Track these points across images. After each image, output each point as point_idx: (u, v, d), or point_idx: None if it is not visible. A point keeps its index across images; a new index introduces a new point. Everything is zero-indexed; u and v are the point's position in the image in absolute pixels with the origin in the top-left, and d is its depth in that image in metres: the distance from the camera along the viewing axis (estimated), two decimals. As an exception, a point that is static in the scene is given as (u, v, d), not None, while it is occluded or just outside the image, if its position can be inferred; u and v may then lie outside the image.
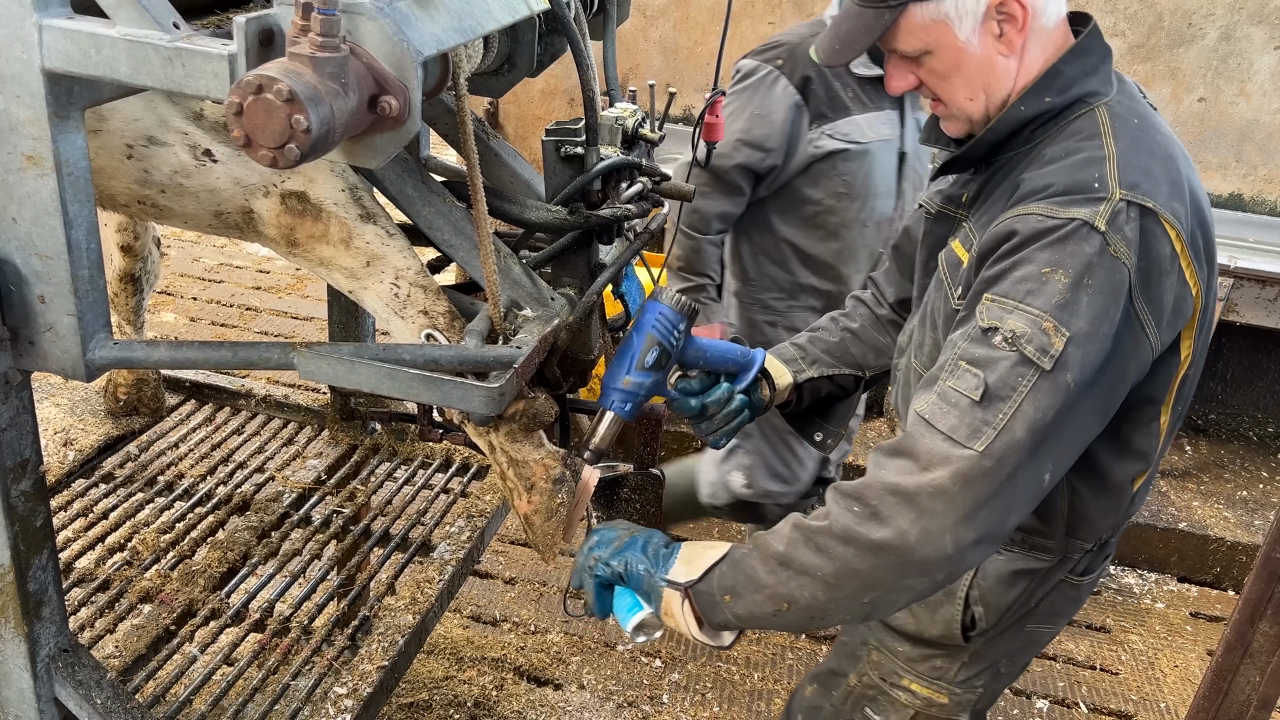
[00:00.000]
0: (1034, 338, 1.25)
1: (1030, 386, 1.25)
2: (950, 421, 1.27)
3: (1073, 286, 1.26)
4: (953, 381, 1.29)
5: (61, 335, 1.27)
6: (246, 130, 0.98)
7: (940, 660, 1.71)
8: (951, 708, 1.75)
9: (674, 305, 1.61)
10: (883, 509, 1.27)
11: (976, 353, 1.29)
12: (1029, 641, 1.73)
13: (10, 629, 1.44)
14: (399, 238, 1.49)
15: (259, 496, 2.26)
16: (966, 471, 1.24)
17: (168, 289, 5.35)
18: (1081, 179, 1.33)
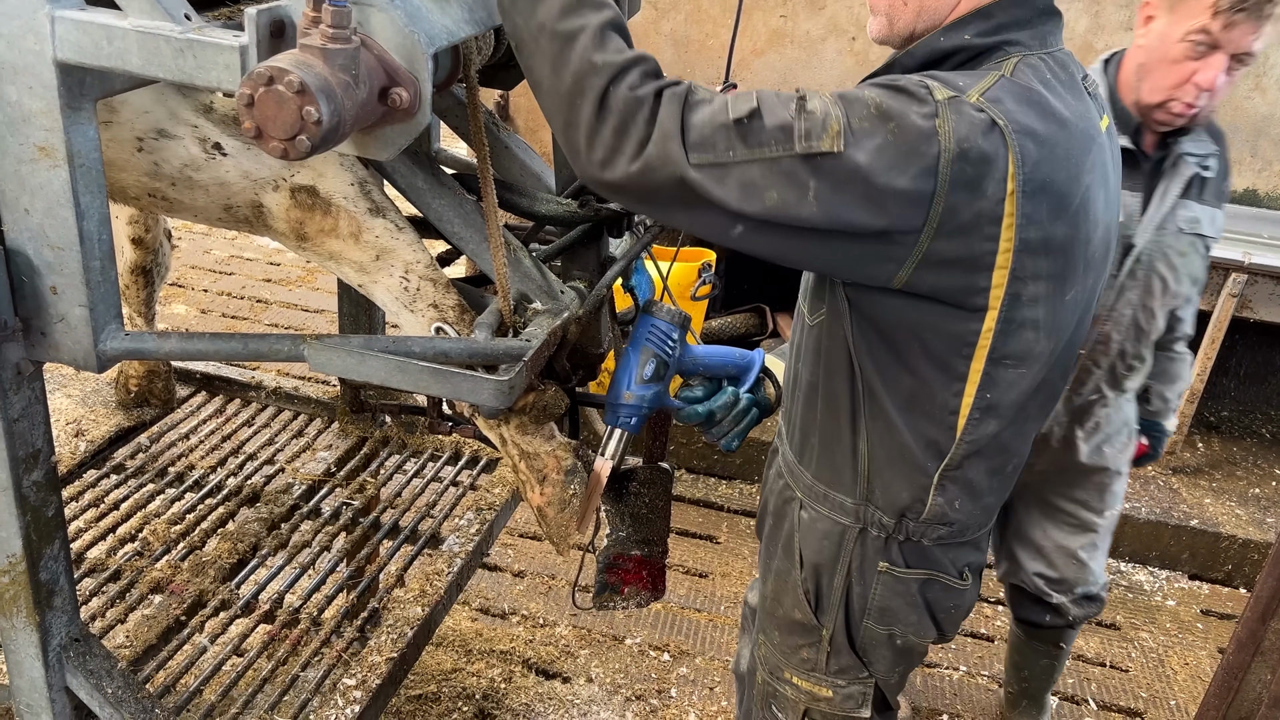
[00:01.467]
0: (812, 128, 1.20)
1: (775, 155, 1.20)
2: (714, 127, 1.21)
3: (878, 119, 1.21)
4: (745, 101, 1.23)
5: (73, 326, 1.27)
6: (257, 122, 0.98)
7: (807, 650, 1.68)
8: (841, 702, 1.68)
9: (667, 318, 1.62)
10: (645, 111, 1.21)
11: (775, 101, 1.23)
12: (873, 640, 1.64)
13: (22, 618, 1.45)
14: (408, 231, 1.49)
15: (269, 488, 2.26)
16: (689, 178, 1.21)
17: (179, 281, 5.36)
18: (951, 80, 1.28)
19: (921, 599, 1.60)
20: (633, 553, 1.79)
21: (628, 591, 1.82)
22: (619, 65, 1.21)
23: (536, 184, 1.64)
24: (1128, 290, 2.26)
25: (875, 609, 1.61)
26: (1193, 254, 2.25)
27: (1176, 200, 2.21)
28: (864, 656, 1.66)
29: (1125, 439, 2.48)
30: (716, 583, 3.49)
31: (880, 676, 1.68)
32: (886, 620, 1.62)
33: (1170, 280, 2.25)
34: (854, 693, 1.67)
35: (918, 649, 1.67)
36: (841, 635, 1.64)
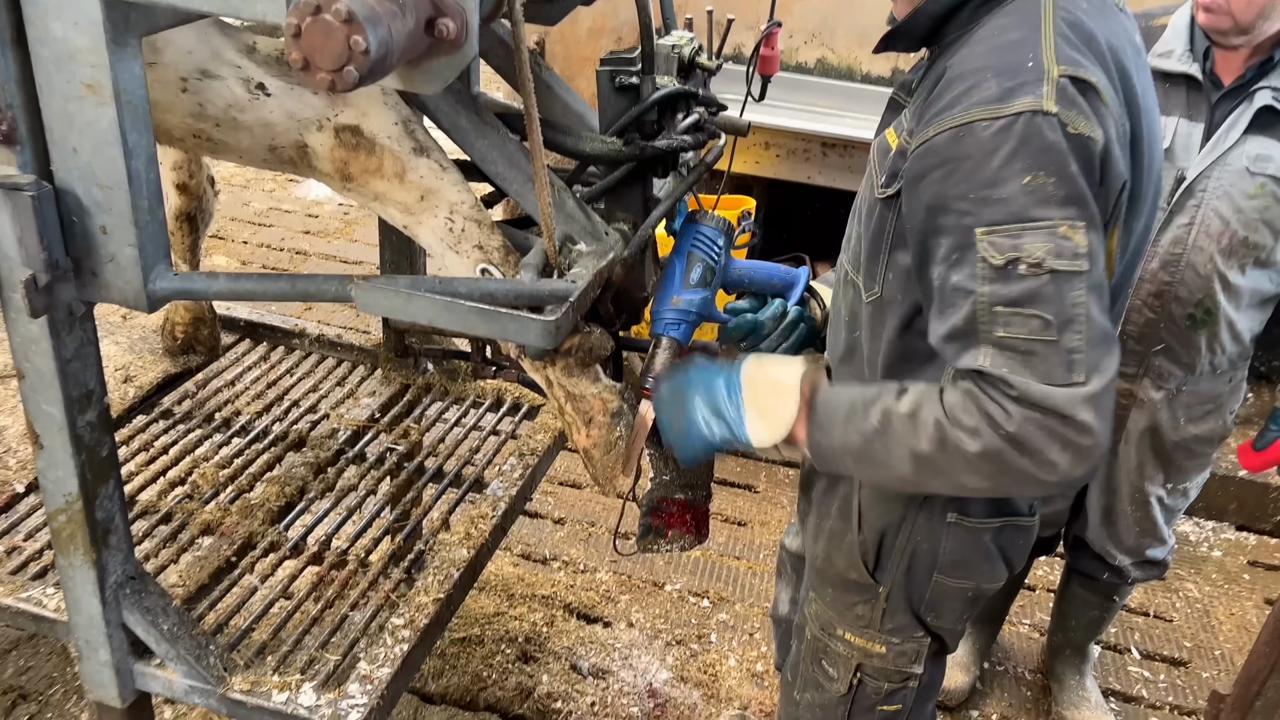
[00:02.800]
0: (1060, 249, 1.18)
1: (1086, 292, 1.20)
2: (1042, 369, 1.21)
3: (1060, 179, 1.18)
4: (1004, 330, 1.22)
5: (123, 266, 1.28)
6: (305, 53, 0.97)
7: (861, 607, 1.65)
8: (895, 658, 1.66)
9: (711, 223, 1.60)
10: (1032, 442, 1.23)
11: (1011, 292, 1.20)
12: (944, 594, 1.60)
13: (80, 556, 1.48)
14: (452, 171, 1.48)
15: (314, 434, 2.28)
16: (1086, 400, 1.21)
17: (218, 233, 5.40)
18: (1013, 61, 1.22)
19: (995, 546, 1.56)
20: (676, 496, 1.79)
21: (671, 535, 1.82)
22: (1030, 474, 1.25)
23: (579, 123, 1.62)
24: (1175, 225, 2.14)
25: (947, 563, 1.57)
26: (1265, 198, 2.07)
27: (1244, 135, 2.07)
28: (930, 612, 1.62)
29: (1213, 418, 2.33)
30: (755, 531, 3.50)
31: (947, 627, 1.66)
32: (959, 573, 1.58)
33: (1234, 222, 2.09)
34: (908, 649, 1.66)
35: (987, 594, 1.64)
36: (899, 593, 1.61)
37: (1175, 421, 2.32)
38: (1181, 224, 2.14)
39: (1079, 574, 2.65)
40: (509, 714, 2.67)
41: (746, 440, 1.46)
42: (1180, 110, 2.13)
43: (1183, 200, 2.12)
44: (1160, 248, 2.16)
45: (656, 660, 2.89)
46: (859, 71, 4.04)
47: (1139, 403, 2.32)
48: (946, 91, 1.26)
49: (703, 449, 1.52)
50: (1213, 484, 3.68)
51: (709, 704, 2.75)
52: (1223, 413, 2.35)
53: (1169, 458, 2.37)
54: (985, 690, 2.92)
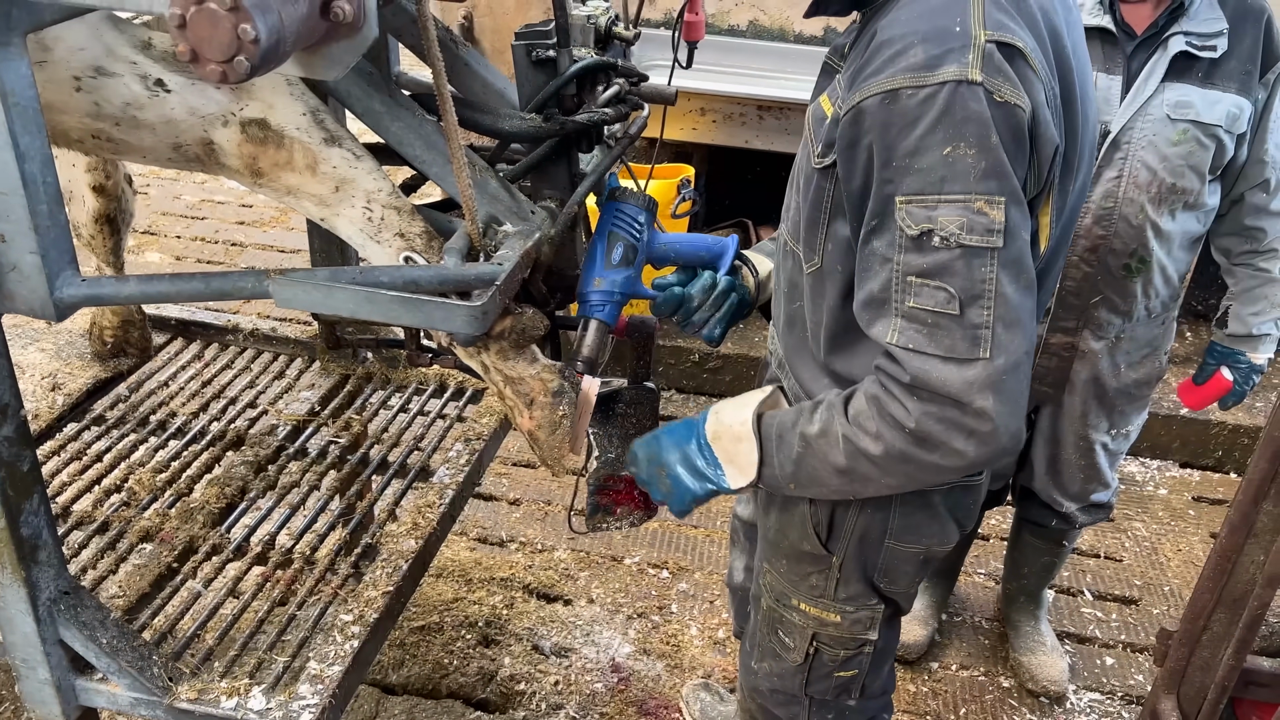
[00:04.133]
0: (972, 224, 1.18)
1: (996, 269, 1.20)
2: (946, 343, 1.22)
3: (981, 152, 1.17)
4: (914, 301, 1.23)
5: (27, 275, 1.23)
6: (192, 44, 0.93)
7: (815, 578, 1.65)
8: (850, 626, 1.67)
9: (632, 200, 1.58)
10: (934, 436, 1.25)
11: (923, 263, 1.21)
12: (896, 559, 1.60)
13: (8, 574, 1.44)
14: (367, 159, 1.43)
15: (253, 431, 2.24)
16: (989, 379, 1.22)
17: (151, 228, 5.27)
18: (940, 25, 1.20)
19: (944, 508, 1.57)
20: (623, 474, 1.78)
21: (620, 512, 1.82)
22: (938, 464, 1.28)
23: (499, 101, 1.58)
24: (1105, 179, 2.15)
25: (898, 528, 1.57)
26: (1188, 143, 2.09)
27: (1162, 83, 2.08)
28: (884, 577, 1.63)
29: (1150, 361, 2.37)
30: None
31: (901, 590, 1.66)
32: (910, 537, 1.59)
33: (1160, 170, 2.11)
34: (862, 617, 1.67)
35: (938, 555, 1.65)
36: (853, 562, 1.62)
37: (1116, 368, 2.36)
38: (1110, 178, 2.14)
39: (1028, 523, 2.69)
40: (472, 700, 2.66)
41: (729, 488, 1.52)
42: (1098, 64, 2.12)
43: (1109, 154, 2.13)
44: (1092, 203, 2.17)
45: (618, 635, 2.89)
46: (791, 32, 4.02)
47: (1080, 354, 2.34)
48: (875, 56, 1.24)
49: (693, 503, 1.57)
50: (1156, 424, 3.76)
51: (673, 674, 2.77)
52: (1159, 355, 2.39)
53: (1112, 404, 2.41)
54: (944, 642, 2.96)
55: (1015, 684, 2.84)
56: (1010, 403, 1.23)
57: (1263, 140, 2.15)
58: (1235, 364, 2.38)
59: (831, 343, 1.47)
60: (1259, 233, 2.23)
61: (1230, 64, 2.07)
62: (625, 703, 2.67)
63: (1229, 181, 2.20)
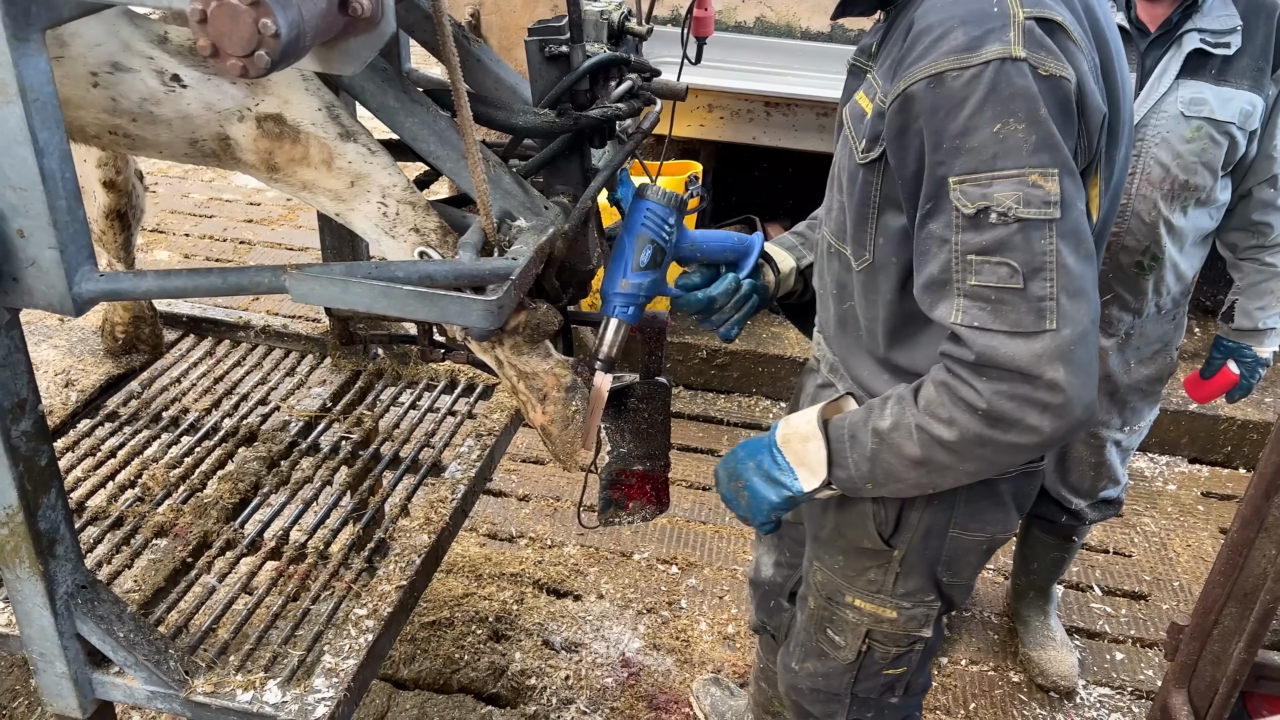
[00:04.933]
0: (1029, 197, 1.20)
1: (1056, 240, 1.21)
2: (1011, 318, 1.23)
3: (1030, 125, 1.19)
4: (976, 279, 1.24)
5: (45, 270, 1.23)
6: (212, 39, 0.94)
7: (874, 573, 1.64)
8: (905, 623, 1.67)
9: (662, 201, 1.58)
10: (1008, 414, 1.25)
11: (981, 240, 1.23)
12: (961, 549, 1.60)
13: (25, 569, 1.45)
14: (382, 154, 1.44)
15: (265, 427, 2.25)
16: (1058, 351, 1.22)
17: (159, 227, 5.29)
18: (978, 8, 1.22)
19: (1009, 495, 1.58)
20: (635, 468, 1.79)
21: (632, 507, 1.82)
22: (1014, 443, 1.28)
23: (512, 96, 1.59)
24: None
25: (963, 517, 1.57)
26: (1202, 140, 2.10)
27: (1176, 80, 2.08)
28: (947, 569, 1.63)
29: (1161, 357, 2.37)
30: (720, 495, 3.51)
31: (962, 584, 1.66)
32: (975, 525, 1.58)
33: (1174, 167, 2.12)
34: (918, 614, 1.66)
35: (1000, 544, 1.64)
36: (915, 556, 1.60)
37: (1126, 365, 2.35)
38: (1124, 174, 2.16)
39: (1037, 518, 2.69)
40: (483, 694, 2.67)
41: (803, 491, 1.52)
42: None
43: None
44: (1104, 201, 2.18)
45: (628, 630, 2.90)
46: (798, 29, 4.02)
47: None
48: (916, 44, 1.26)
49: (772, 511, 1.58)
50: (1165, 419, 3.75)
51: (682, 669, 2.77)
52: (1170, 350, 2.39)
53: (1124, 401, 2.41)
54: (953, 637, 2.96)
55: (1025, 679, 2.84)
56: (1081, 373, 1.23)
57: (1272, 136, 2.15)
58: (1241, 358, 2.37)
59: (891, 336, 1.48)
60: (1266, 227, 2.23)
61: (1243, 61, 2.07)
62: (635, 697, 2.67)
63: (1238, 177, 2.20)
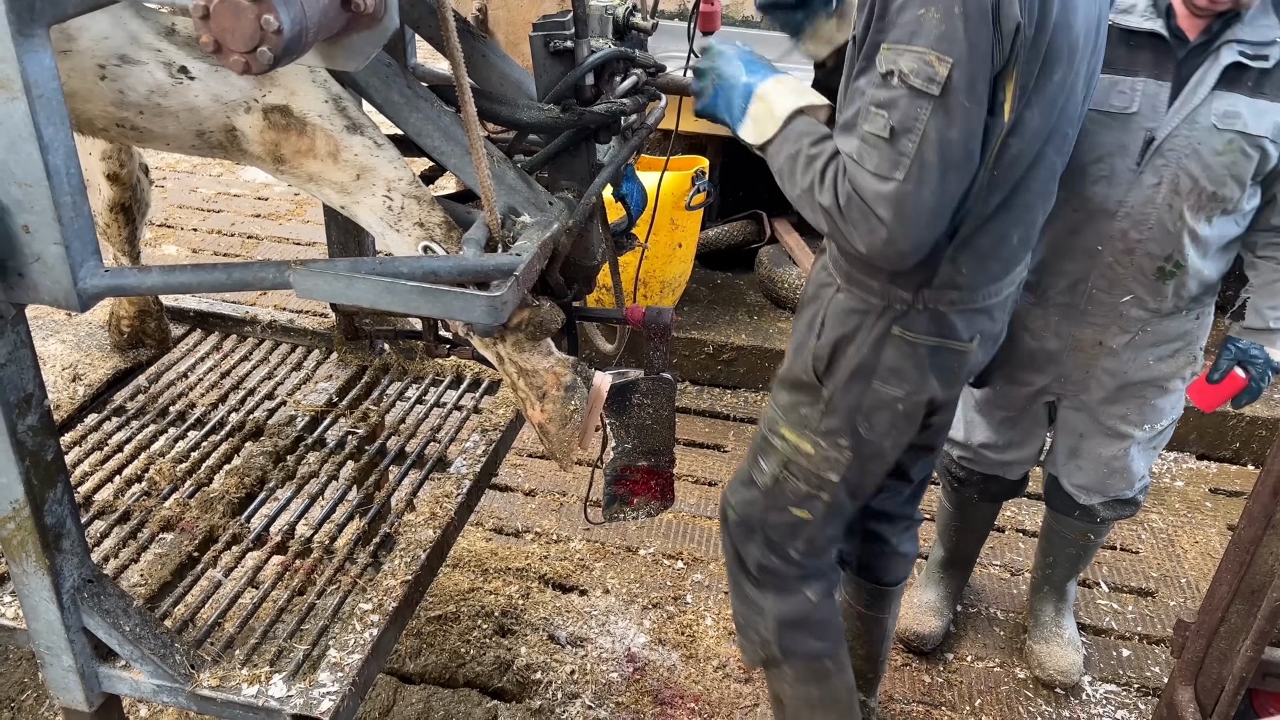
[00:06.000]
0: (921, 71, 1.48)
1: (929, 113, 1.50)
2: (875, 160, 1.54)
3: (944, 18, 1.45)
4: (867, 126, 1.54)
5: (50, 265, 1.24)
6: (215, 35, 0.94)
7: (805, 408, 1.94)
8: (818, 460, 1.94)
9: None
10: (849, 219, 1.61)
11: (879, 95, 1.53)
12: (878, 402, 1.87)
13: (32, 563, 1.45)
14: (388, 148, 1.44)
15: (272, 421, 2.25)
16: (894, 197, 1.54)
17: (167, 221, 5.29)
18: None
19: (928, 361, 1.83)
20: (639, 464, 1.79)
21: (637, 502, 1.82)
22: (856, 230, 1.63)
23: (517, 92, 1.59)
24: (1145, 185, 2.09)
25: (885, 370, 1.84)
26: (1233, 154, 2.03)
27: (1211, 92, 2.01)
28: (865, 418, 1.89)
29: (1182, 355, 2.32)
30: (726, 490, 3.51)
31: (875, 437, 1.91)
32: (894, 381, 1.85)
33: (1203, 179, 2.05)
34: (831, 456, 1.93)
35: (913, 415, 1.89)
36: (840, 398, 1.89)
37: (1145, 361, 2.32)
38: (1150, 184, 2.09)
39: (1054, 511, 2.68)
40: (489, 688, 2.67)
41: (736, 131, 1.80)
42: (1146, 70, 2.08)
43: (1152, 160, 2.07)
44: (1129, 208, 2.12)
45: (634, 625, 2.90)
46: (806, 23, 3.99)
47: (1108, 350, 2.31)
48: None
49: (706, 115, 1.84)
50: (1173, 416, 3.74)
51: (688, 664, 2.77)
52: (1192, 348, 2.34)
53: (1141, 397, 2.37)
54: (959, 633, 2.96)
55: (1030, 675, 2.84)
56: (907, 222, 1.56)
57: None
58: (1251, 360, 2.29)
59: None
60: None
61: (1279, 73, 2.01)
62: (640, 692, 2.68)
63: (1268, 184, 2.15)
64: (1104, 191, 2.13)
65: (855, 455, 1.92)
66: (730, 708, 2.66)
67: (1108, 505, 2.56)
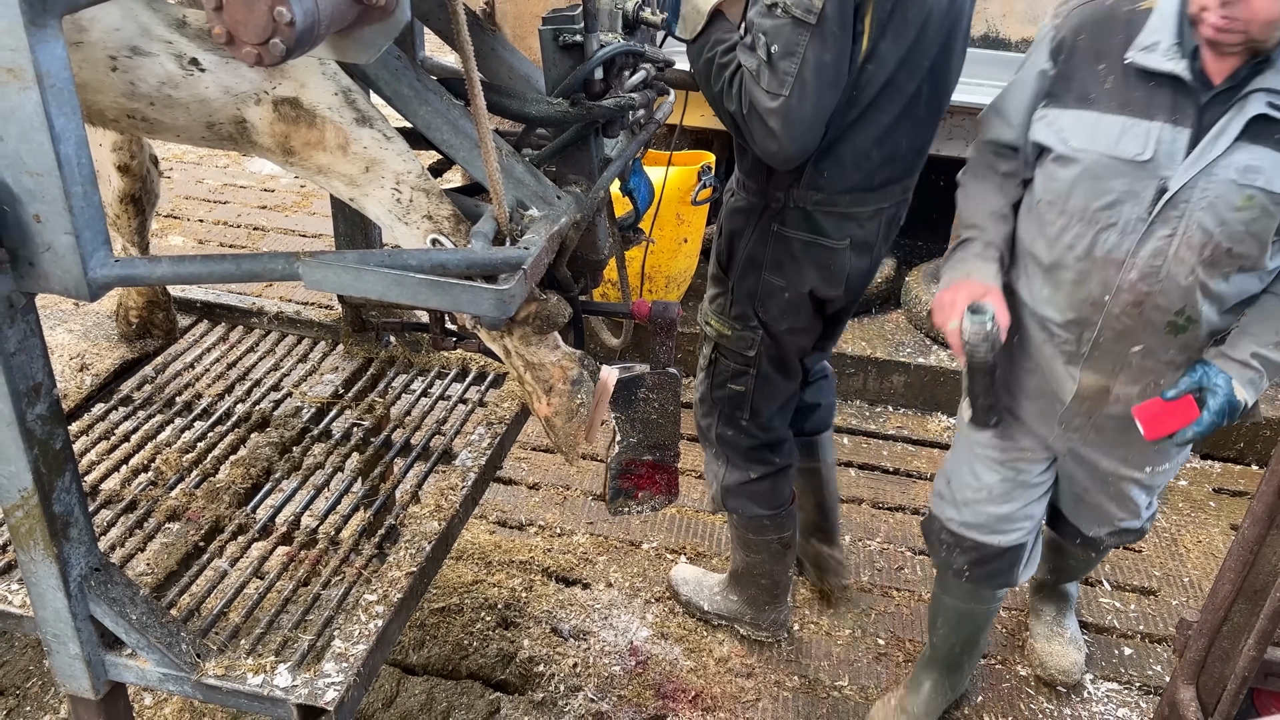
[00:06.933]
0: (800, 3, 1.84)
1: (808, 39, 1.87)
2: (766, 79, 1.91)
3: None
4: (759, 50, 1.89)
5: (61, 255, 1.24)
6: (228, 26, 0.94)
7: (720, 299, 2.40)
8: (736, 340, 2.38)
9: None
10: (750, 125, 1.99)
11: (766, 24, 1.89)
12: (768, 290, 2.29)
13: (40, 550, 1.46)
14: (397, 141, 1.45)
15: (278, 413, 2.26)
16: (782, 110, 1.92)
17: (173, 212, 5.31)
18: None
19: (803, 255, 2.24)
20: (644, 458, 1.80)
21: (642, 496, 1.83)
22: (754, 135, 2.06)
23: (525, 86, 1.59)
24: (1156, 236, 1.91)
25: (770, 262, 2.27)
26: (1253, 210, 1.85)
27: (1234, 143, 1.82)
28: (760, 304, 2.32)
29: None
30: (730, 485, 3.51)
31: (771, 322, 2.33)
32: (778, 273, 2.26)
33: (1218, 234, 1.88)
34: (745, 336, 2.37)
35: (801, 304, 2.30)
36: (739, 287, 2.33)
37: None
38: (1162, 235, 1.92)
39: (1057, 534, 2.65)
40: (491, 680, 2.68)
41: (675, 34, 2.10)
42: (1164, 114, 1.89)
43: (1165, 212, 1.90)
44: (1139, 259, 1.95)
45: (636, 619, 2.91)
46: (813, 18, 3.99)
47: (1114, 399, 2.15)
48: None
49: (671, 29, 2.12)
50: (1177, 415, 3.73)
51: (690, 658, 2.78)
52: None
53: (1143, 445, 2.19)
54: (961, 629, 2.96)
55: (1031, 673, 2.84)
56: (792, 132, 1.95)
57: None
58: (1213, 388, 2.00)
59: None
60: None
61: None
62: (643, 685, 2.68)
63: None
64: (1113, 240, 1.97)
65: (764, 335, 2.35)
66: (732, 702, 2.67)
67: (1114, 534, 2.48)
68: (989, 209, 2.17)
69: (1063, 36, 2.00)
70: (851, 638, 2.91)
